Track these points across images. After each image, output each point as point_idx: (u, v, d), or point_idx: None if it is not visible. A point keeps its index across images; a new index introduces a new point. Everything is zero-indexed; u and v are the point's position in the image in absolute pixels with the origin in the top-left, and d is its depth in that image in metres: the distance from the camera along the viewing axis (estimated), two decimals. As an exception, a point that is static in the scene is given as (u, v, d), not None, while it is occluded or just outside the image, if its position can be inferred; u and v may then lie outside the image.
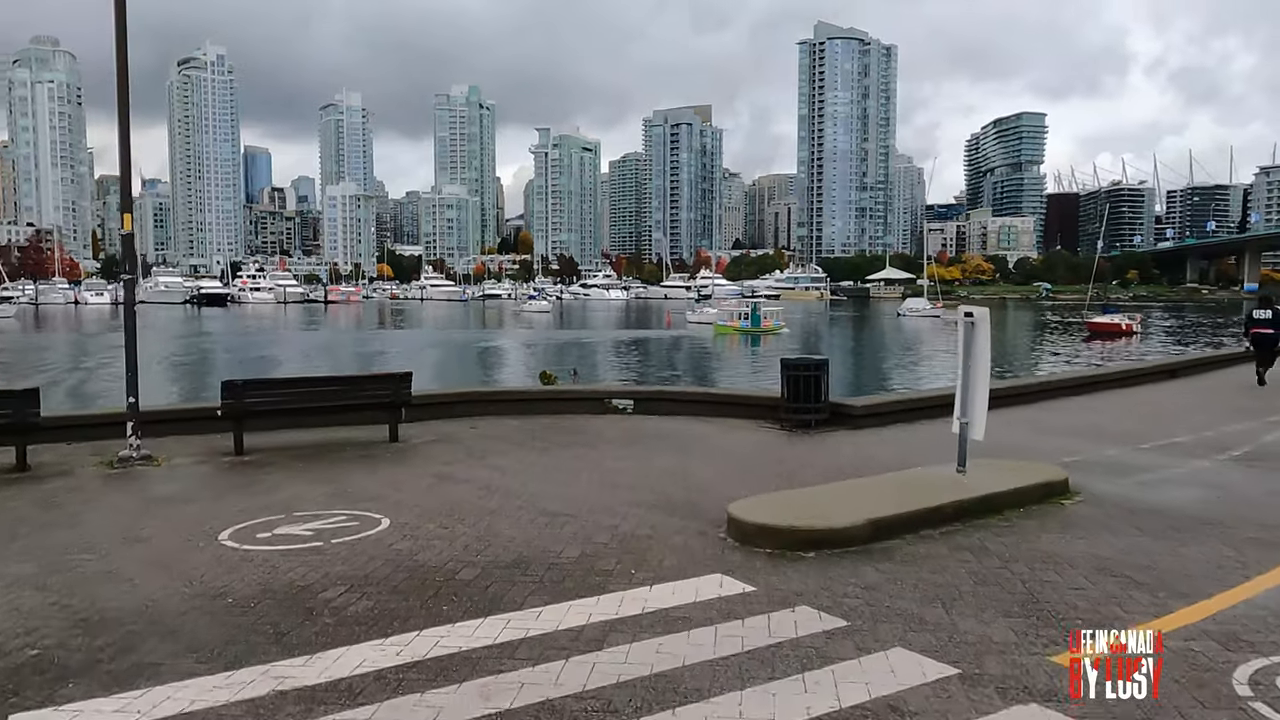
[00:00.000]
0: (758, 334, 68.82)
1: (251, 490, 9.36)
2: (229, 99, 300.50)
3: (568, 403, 14.32)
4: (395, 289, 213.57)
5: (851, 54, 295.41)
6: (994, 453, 9.86)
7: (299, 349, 60.91)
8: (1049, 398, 15.62)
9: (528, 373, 44.08)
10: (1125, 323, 73.95)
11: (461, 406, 14.06)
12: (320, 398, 11.96)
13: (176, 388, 37.33)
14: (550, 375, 16.52)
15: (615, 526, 7.67)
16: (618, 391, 14.42)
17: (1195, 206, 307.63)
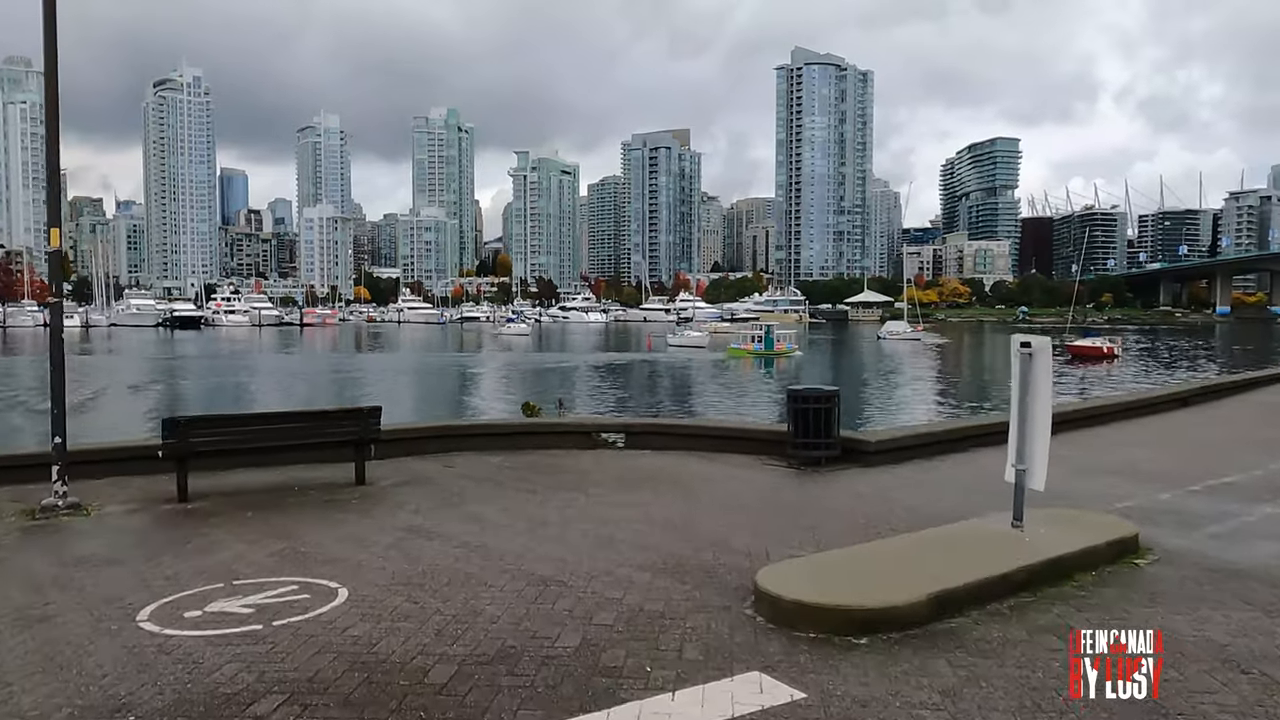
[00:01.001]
0: (771, 356, 69.51)
1: (189, 549, 8.00)
2: (205, 120, 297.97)
3: (553, 436, 13.08)
4: (372, 311, 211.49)
5: (829, 79, 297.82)
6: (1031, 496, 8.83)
7: (270, 374, 59.11)
8: (1064, 429, 14.46)
9: (507, 400, 42.21)
10: (1106, 346, 73.75)
11: (436, 442, 12.78)
12: (277, 436, 10.57)
13: (135, 418, 35.26)
14: (533, 406, 15.20)
15: (619, 600, 6.38)
16: (608, 424, 13.15)
17: (1166, 231, 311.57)
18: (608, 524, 8.66)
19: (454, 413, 38.49)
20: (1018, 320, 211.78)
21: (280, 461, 11.32)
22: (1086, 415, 15.26)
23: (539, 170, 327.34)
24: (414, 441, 12.63)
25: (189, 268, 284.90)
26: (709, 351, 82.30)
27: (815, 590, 5.90)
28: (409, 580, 6.91)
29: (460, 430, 13.21)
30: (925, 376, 61.54)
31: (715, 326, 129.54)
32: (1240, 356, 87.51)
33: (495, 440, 12.92)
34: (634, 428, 12.98)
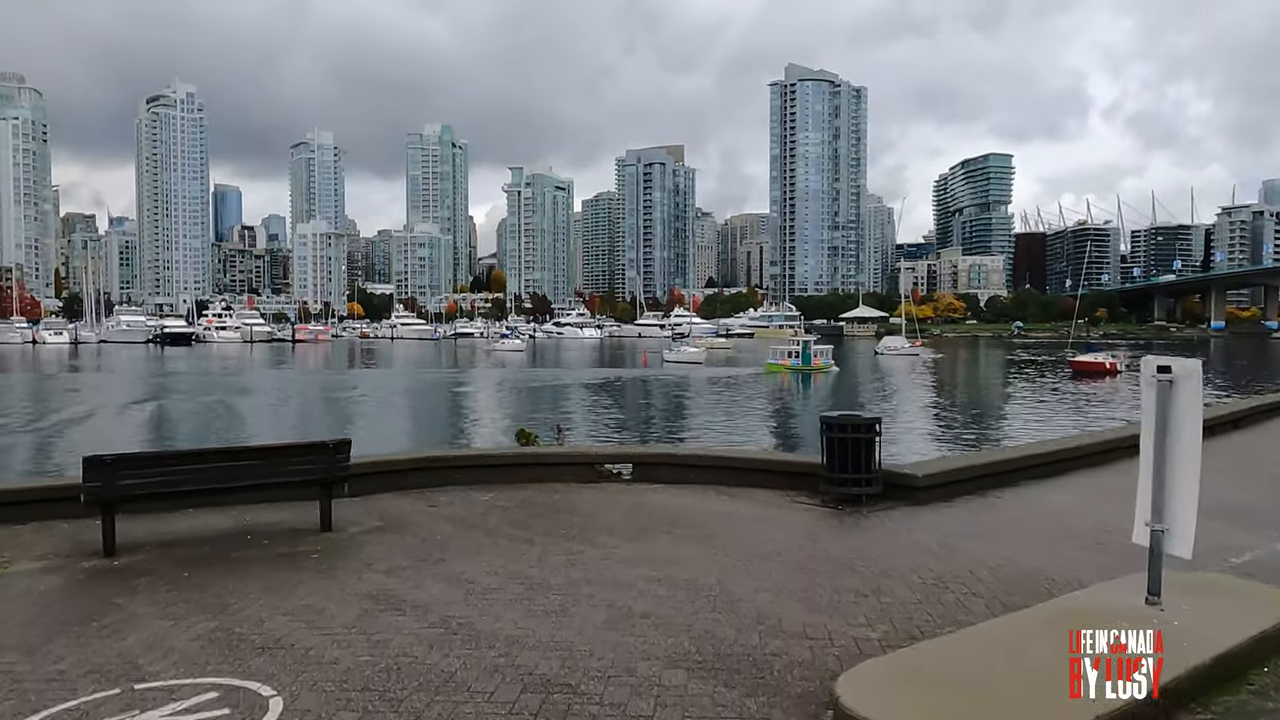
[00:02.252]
0: (808, 372, 69.93)
1: (93, 630, 6.31)
2: (199, 136, 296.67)
3: (551, 468, 11.44)
4: (365, 328, 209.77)
5: (822, 95, 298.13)
6: (1114, 545, 7.32)
7: (256, 393, 57.13)
8: (1115, 458, 12.82)
9: (500, 422, 40.16)
10: (1109, 361, 72.68)
11: (419, 475, 11.12)
12: (224, 476, 8.83)
13: (105, 445, 33.58)
14: (529, 434, 13.53)
15: (649, 719, 4.75)
16: (613, 454, 11.50)
17: (1159, 246, 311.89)
18: (622, 589, 7.00)
19: (444, 436, 36.53)
20: (1012, 335, 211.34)
21: (239, 500, 9.70)
22: (1128, 444, 13.42)
23: (533, 186, 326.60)
24: (394, 475, 10.99)
25: (181, 284, 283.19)
26: (705, 368, 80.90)
27: (922, 714, 4.27)
28: (367, 684, 5.23)
29: (447, 462, 11.53)
30: (932, 393, 60.07)
31: (711, 342, 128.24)
32: (1241, 372, 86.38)
33: (486, 473, 11.27)
34: (642, 458, 11.31)
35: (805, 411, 49.07)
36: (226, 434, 36.56)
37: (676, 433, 38.84)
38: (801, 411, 49.43)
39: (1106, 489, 10.74)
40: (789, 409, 51.07)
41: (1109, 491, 10.55)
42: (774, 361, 75.14)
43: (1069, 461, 11.50)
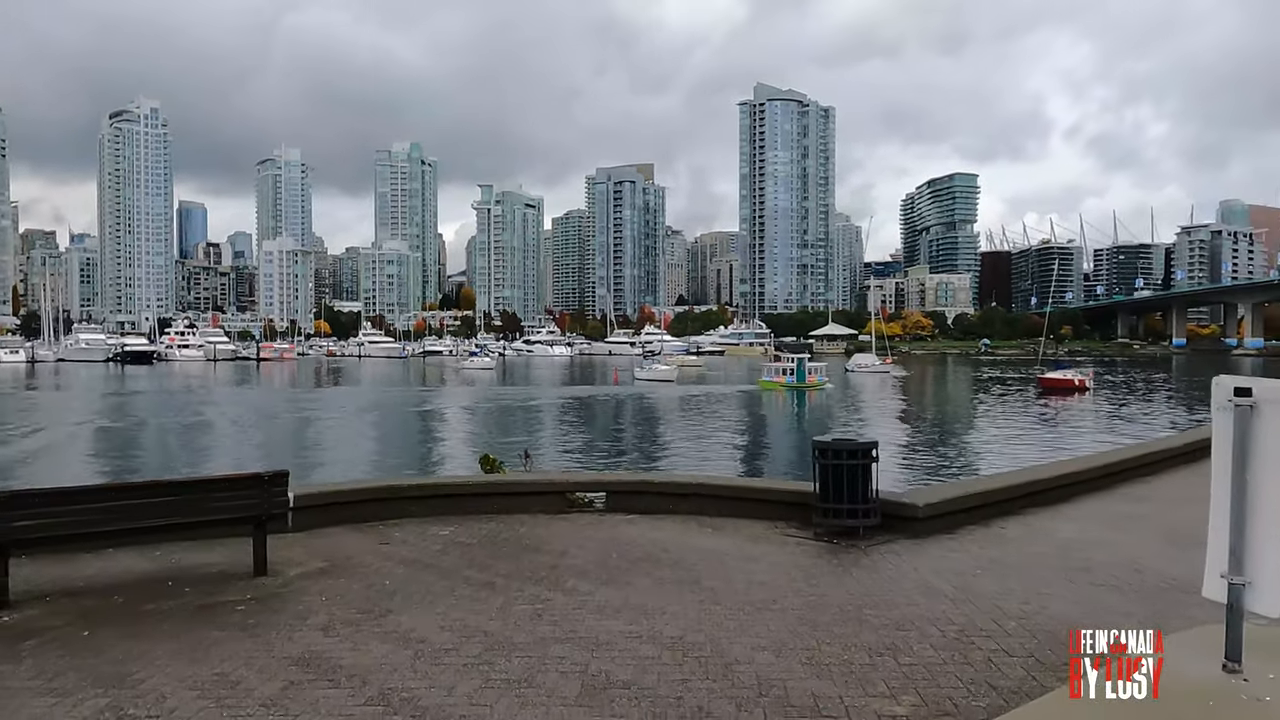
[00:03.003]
0: (803, 389, 70.55)
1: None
2: (162, 152, 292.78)
3: (518, 498, 10.43)
4: (333, 346, 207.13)
5: (791, 115, 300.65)
6: (1141, 585, 6.54)
7: (214, 413, 55.28)
8: (1114, 483, 11.89)
9: (466, 445, 38.35)
10: (1078, 379, 72.98)
11: (373, 507, 10.09)
12: (137, 514, 7.61)
13: (44, 472, 30.93)
14: (493, 460, 12.33)
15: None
16: (585, 482, 10.52)
17: (1121, 265, 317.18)
18: (598, 649, 5.97)
19: (405, 460, 34.62)
20: (980, 352, 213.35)
21: (169, 538, 8.60)
22: (1138, 463, 12.72)
23: (503, 204, 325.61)
24: (345, 507, 9.94)
25: (143, 301, 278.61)
26: (677, 385, 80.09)
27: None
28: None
29: (403, 491, 10.54)
30: (908, 411, 59.63)
31: (682, 360, 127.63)
32: (1201, 385, 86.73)
33: (446, 504, 10.24)
34: (616, 486, 10.35)
35: (787, 431, 47.86)
36: (174, 461, 34.57)
37: (652, 455, 36.90)
38: (783, 431, 48.03)
39: (1114, 517, 10.09)
40: (769, 429, 49.80)
41: (1117, 519, 9.89)
42: (769, 379, 75.36)
43: (1072, 487, 10.72)
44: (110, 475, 28.66)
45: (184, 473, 29.01)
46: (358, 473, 29.57)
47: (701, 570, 7.90)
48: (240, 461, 31.69)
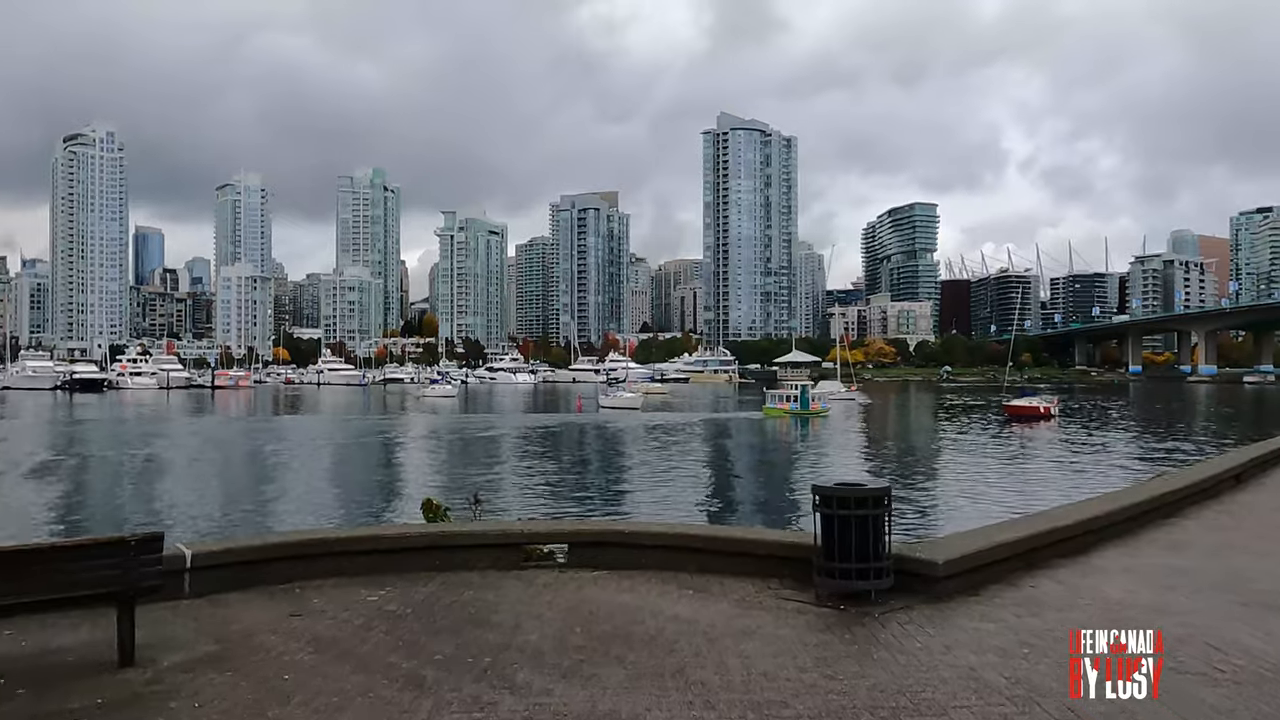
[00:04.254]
0: (806, 416, 71.82)
1: None
2: (118, 177, 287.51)
3: (465, 552, 8.86)
4: (291, 373, 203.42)
5: (754, 144, 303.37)
6: (1238, 674, 5.57)
7: (159, 445, 52.25)
8: (1138, 528, 10.52)
9: (415, 483, 34.94)
10: (1043, 406, 73.13)
11: (290, 566, 8.32)
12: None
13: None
14: (438, 506, 10.80)
15: None
16: (543, 532, 9.40)
17: (1077, 293, 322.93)
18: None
19: (345, 499, 31.13)
20: (941, 379, 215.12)
21: (27, 610, 6.53)
22: (1159, 503, 11.29)
23: (466, 230, 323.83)
24: (256, 567, 8.23)
25: (96, 328, 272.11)
26: (642, 414, 79.10)
27: None
28: None
29: (329, 545, 8.79)
30: (878, 439, 59.17)
31: (648, 387, 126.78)
32: (1171, 415, 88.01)
33: (381, 560, 8.65)
34: (580, 536, 9.22)
35: (766, 464, 45.69)
36: (88, 503, 31.08)
37: (620, 494, 33.54)
38: (762, 464, 45.68)
39: (1157, 571, 8.64)
40: (745, 461, 47.55)
41: (1163, 575, 8.50)
42: (773, 406, 76.76)
43: (1096, 534, 9.50)
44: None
45: (91, 519, 26.45)
46: (287, 516, 27.04)
47: (686, 653, 6.50)
48: (159, 509, 28.63)
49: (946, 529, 19.82)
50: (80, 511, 29.01)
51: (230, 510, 28.27)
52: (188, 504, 29.47)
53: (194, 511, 27.79)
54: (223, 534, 21.85)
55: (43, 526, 25.19)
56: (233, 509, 28.53)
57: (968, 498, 30.40)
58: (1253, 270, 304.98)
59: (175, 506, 28.93)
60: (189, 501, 30.24)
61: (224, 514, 27.52)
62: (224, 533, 22.20)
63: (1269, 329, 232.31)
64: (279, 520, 26.26)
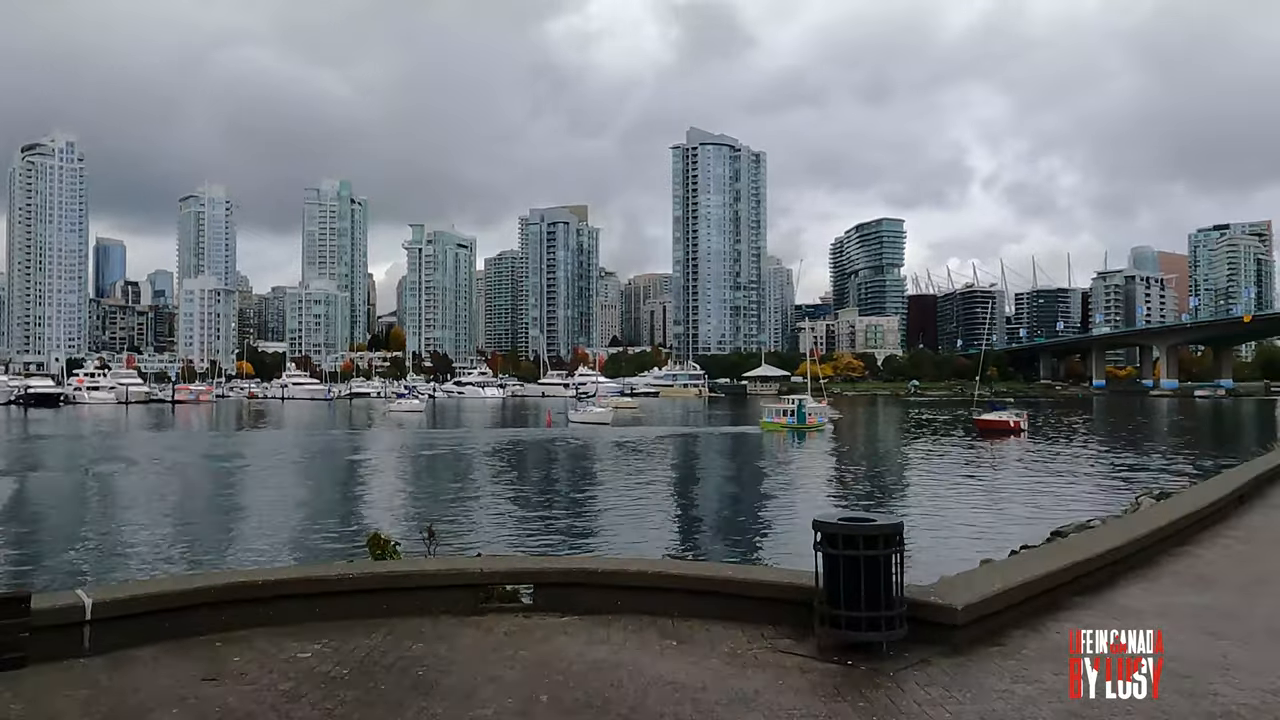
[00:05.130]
0: (803, 430, 71.50)
1: None
2: (78, 187, 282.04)
3: (416, 595, 7.66)
4: (254, 387, 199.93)
5: (723, 159, 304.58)
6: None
7: (104, 462, 48.61)
8: (1156, 558, 9.58)
9: (371, 506, 32.27)
10: (1013, 420, 73.12)
11: (206, 614, 7.02)
12: None
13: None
14: (386, 542, 9.62)
15: None
16: (506, 572, 8.29)
17: (1041, 308, 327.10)
18: None
19: (290, 529, 27.34)
20: (909, 394, 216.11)
21: None
22: (1171, 530, 10.31)
23: (435, 243, 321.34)
24: (168, 617, 6.89)
25: (54, 341, 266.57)
26: (613, 428, 78.00)
27: None
28: None
29: (256, 590, 7.35)
30: (852, 455, 58.52)
31: (618, 402, 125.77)
32: (1125, 426, 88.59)
33: (318, 605, 7.37)
34: (548, 576, 8.08)
35: (749, 482, 43.19)
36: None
37: (592, 519, 30.33)
38: (744, 482, 43.17)
39: (1194, 612, 7.68)
40: (725, 479, 44.93)
41: (1201, 616, 7.55)
42: (770, 420, 76.38)
43: (1112, 567, 8.56)
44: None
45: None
46: (222, 548, 24.21)
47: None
48: (82, 540, 25.40)
49: (944, 555, 18.84)
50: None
51: (162, 542, 25.26)
52: (116, 534, 26.62)
53: (120, 542, 25.15)
54: (150, 570, 19.97)
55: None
56: (165, 540, 25.52)
57: (957, 518, 29.39)
58: (1211, 286, 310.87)
59: (105, 536, 26.25)
60: (117, 531, 27.29)
61: (154, 547, 24.49)
62: (151, 569, 20.07)
63: (1228, 344, 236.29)
64: (213, 553, 23.59)
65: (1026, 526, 24.14)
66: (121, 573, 20.01)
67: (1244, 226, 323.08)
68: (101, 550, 24.08)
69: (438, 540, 9.89)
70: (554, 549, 23.74)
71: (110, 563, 22.14)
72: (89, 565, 21.55)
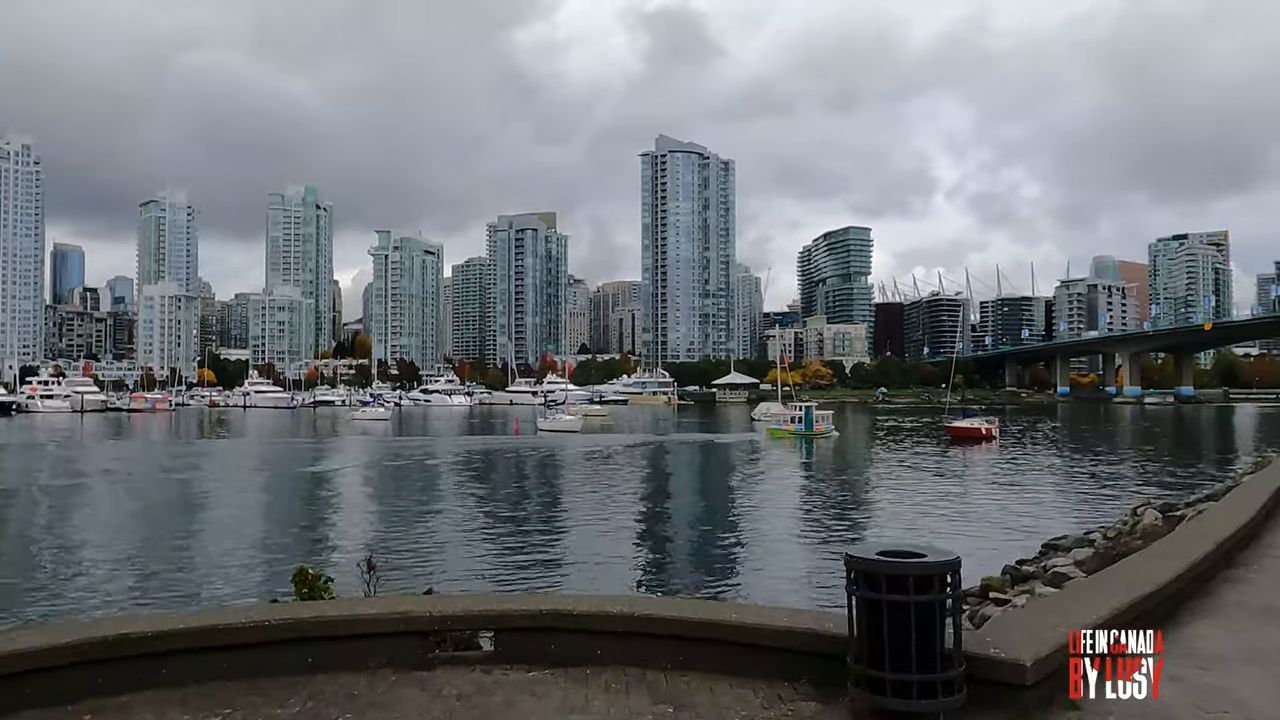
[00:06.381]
0: (810, 436, 71.88)
1: None
2: (34, 191, 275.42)
3: (349, 645, 6.15)
4: (216, 395, 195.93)
5: (692, 167, 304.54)
6: None
7: (44, 476, 45.98)
8: (1206, 587, 8.30)
9: (313, 530, 28.26)
10: (985, 427, 72.87)
11: (77, 675, 5.57)
12: None
13: None
14: (316, 577, 8.01)
15: None
16: (461, 615, 6.63)
17: (1005, 316, 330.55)
18: None
19: (213, 560, 23.32)
20: (877, 401, 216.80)
21: None
22: (1212, 561, 8.72)
23: (401, 250, 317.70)
24: (28, 680, 5.46)
25: (8, 348, 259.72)
26: (583, 436, 76.60)
27: None
28: None
29: (148, 644, 5.83)
30: (823, 465, 57.59)
31: (587, 409, 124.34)
32: (1091, 432, 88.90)
33: (223, 663, 5.88)
34: (514, 619, 6.50)
35: (735, 492, 40.75)
36: None
37: (564, 542, 26.52)
38: (730, 493, 40.58)
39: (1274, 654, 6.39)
40: (709, 491, 42.36)
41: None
42: (777, 427, 77.13)
43: (1170, 603, 7.17)
44: None
45: None
46: (125, 580, 20.80)
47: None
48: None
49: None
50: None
51: (56, 576, 21.37)
52: (15, 561, 23.29)
53: (16, 570, 21.90)
54: (37, 611, 17.06)
55: None
56: (65, 573, 21.68)
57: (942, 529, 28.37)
58: (1170, 295, 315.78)
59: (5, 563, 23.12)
60: (19, 557, 23.90)
61: (52, 579, 20.92)
62: (26, 612, 16.99)
63: (1189, 351, 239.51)
64: (117, 587, 19.91)
65: (1017, 536, 23.22)
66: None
67: (1202, 236, 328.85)
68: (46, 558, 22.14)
69: (380, 573, 8.33)
70: (521, 581, 20.77)
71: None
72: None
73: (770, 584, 20.16)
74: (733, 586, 20.43)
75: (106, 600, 18.56)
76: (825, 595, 16.80)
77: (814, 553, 23.69)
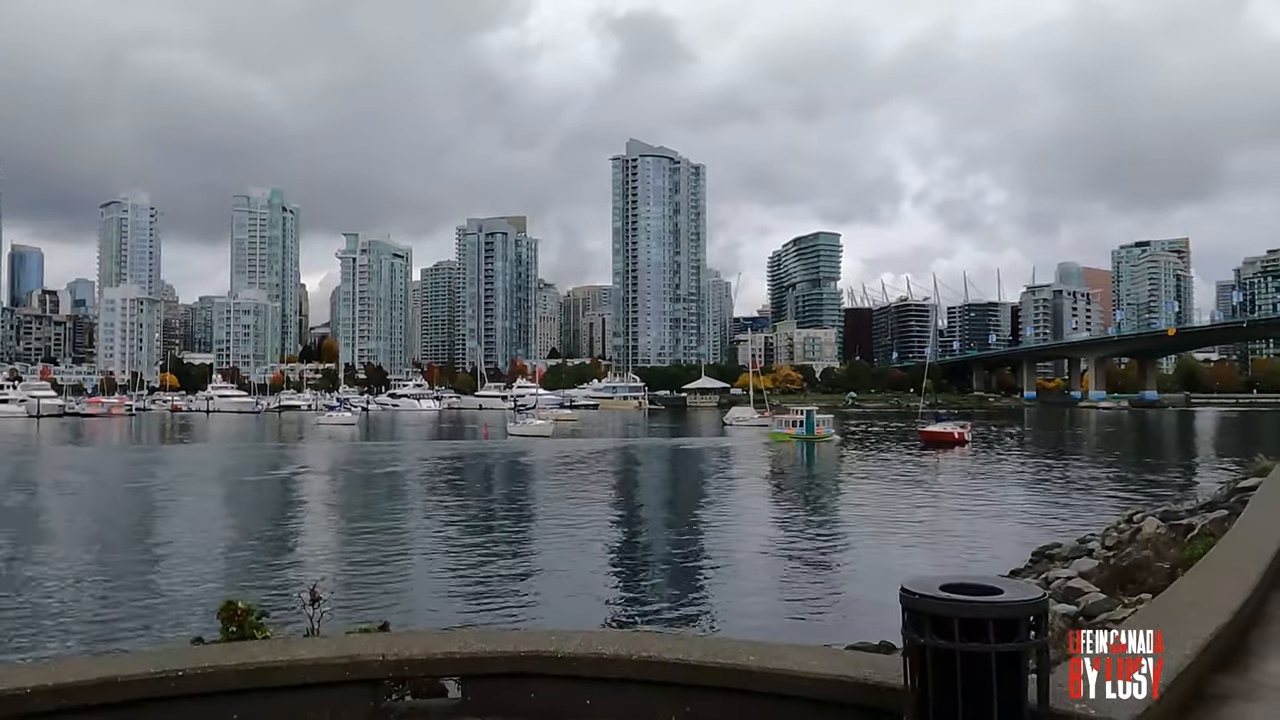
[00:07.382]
0: (812, 440, 72.99)
1: None
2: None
3: (285, 697, 5.00)
4: (178, 399, 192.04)
5: (663, 171, 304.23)
6: None
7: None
8: (1253, 607, 6.70)
9: (252, 557, 23.88)
10: (957, 431, 72.97)
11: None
12: None
13: None
14: (245, 611, 6.33)
15: None
16: (422, 658, 5.27)
17: (972, 321, 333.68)
18: None
19: (144, 585, 20.12)
20: (847, 405, 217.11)
21: None
22: (1266, 582, 7.61)
23: (369, 253, 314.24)
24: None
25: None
26: (553, 440, 75.42)
27: None
28: None
29: (29, 702, 4.62)
30: (792, 469, 56.88)
31: (558, 414, 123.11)
32: (1058, 436, 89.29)
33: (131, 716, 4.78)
34: (485, 662, 5.30)
35: (717, 501, 38.20)
36: None
37: (546, 566, 22.93)
38: (713, 502, 38.19)
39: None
40: (694, 499, 39.51)
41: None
42: (779, 431, 78.29)
43: (1234, 627, 6.07)
44: None
45: None
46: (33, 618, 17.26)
47: None
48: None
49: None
50: None
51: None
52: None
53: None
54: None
55: None
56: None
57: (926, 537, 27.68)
58: (1133, 301, 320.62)
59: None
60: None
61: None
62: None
63: (1152, 356, 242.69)
64: (23, 625, 16.83)
65: (1008, 545, 22.48)
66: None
67: (1164, 244, 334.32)
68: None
69: (329, 603, 7.01)
70: (493, 609, 17.85)
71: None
72: None
73: (782, 607, 18.12)
74: (750, 617, 17.22)
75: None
76: (847, 624, 15.60)
77: (822, 570, 22.47)
